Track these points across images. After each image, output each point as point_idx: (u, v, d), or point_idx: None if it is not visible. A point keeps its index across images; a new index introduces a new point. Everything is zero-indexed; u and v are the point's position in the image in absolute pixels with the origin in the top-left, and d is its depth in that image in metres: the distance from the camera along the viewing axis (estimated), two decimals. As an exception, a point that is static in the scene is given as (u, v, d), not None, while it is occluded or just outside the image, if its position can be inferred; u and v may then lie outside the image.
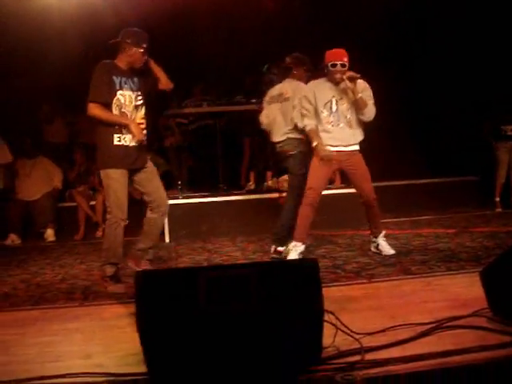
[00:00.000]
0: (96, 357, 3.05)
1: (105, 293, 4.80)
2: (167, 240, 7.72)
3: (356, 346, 2.90)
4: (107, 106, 4.87)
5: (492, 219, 8.10)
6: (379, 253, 5.82)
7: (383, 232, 5.94)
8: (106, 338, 3.39)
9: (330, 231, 7.49)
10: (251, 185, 8.99)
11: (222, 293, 2.62)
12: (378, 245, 5.89)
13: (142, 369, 2.70)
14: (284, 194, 7.77)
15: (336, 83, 5.66)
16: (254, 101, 8.51)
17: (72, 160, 9.27)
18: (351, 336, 2.99)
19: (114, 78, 4.92)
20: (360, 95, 5.56)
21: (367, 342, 2.96)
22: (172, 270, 3.17)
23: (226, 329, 2.58)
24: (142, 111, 5.12)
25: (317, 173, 5.69)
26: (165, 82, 5.21)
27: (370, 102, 5.66)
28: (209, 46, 9.64)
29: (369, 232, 6.04)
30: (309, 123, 5.68)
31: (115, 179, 4.92)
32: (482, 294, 3.36)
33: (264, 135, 6.66)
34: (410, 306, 3.71)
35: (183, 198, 7.95)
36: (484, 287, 3.35)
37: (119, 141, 4.91)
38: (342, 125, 5.69)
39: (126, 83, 4.98)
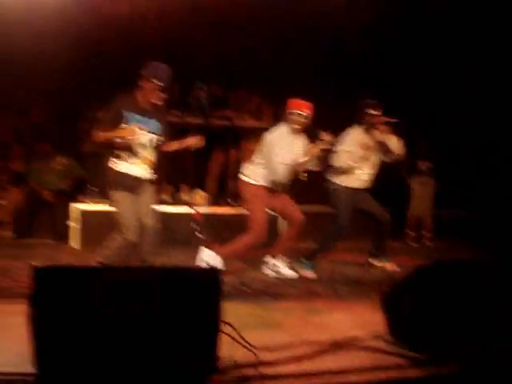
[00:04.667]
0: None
1: (6, 290, 4.62)
2: (79, 247, 7.54)
3: (253, 359, 2.88)
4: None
5: (401, 251, 8.27)
6: (276, 273, 5.87)
7: (281, 255, 6.00)
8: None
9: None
10: (166, 197, 8.89)
11: (120, 295, 2.56)
12: (277, 267, 5.93)
13: (31, 369, 2.60)
14: (198, 208, 7.76)
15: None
16: (174, 112, 8.47)
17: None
18: (249, 349, 2.97)
19: (124, 111, 4.87)
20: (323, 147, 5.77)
21: (265, 356, 2.94)
22: (71, 268, 3.06)
23: (121, 332, 2.52)
24: (153, 155, 5.05)
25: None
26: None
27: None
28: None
29: (268, 253, 6.05)
30: None
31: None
32: (382, 317, 3.41)
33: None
34: (311, 324, 3.73)
35: (95, 203, 7.76)
36: (383, 311, 3.41)
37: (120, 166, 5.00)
38: None
39: (139, 122, 4.90)
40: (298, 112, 5.72)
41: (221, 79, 8.88)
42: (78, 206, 7.72)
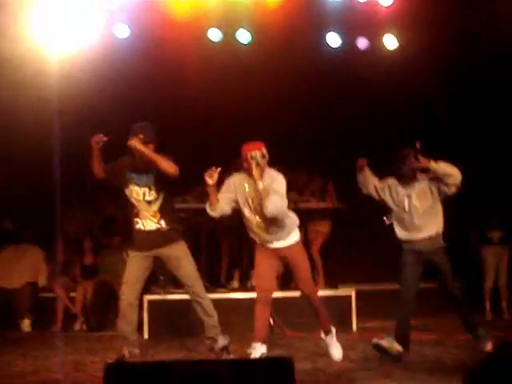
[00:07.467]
0: None
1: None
2: (146, 336, 7.54)
3: None
4: None
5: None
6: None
7: (333, 331, 5.73)
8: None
9: (314, 333, 7.34)
10: (235, 283, 8.86)
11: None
12: (327, 344, 5.69)
13: None
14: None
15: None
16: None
17: (53, 251, 9.17)
18: None
19: (128, 173, 5.34)
20: (261, 187, 5.33)
21: None
22: (143, 364, 3.05)
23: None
24: (155, 207, 5.34)
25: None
26: (162, 167, 5.23)
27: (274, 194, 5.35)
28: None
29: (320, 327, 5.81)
30: None
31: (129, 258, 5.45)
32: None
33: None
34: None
35: (164, 293, 7.81)
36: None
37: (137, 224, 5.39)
38: None
39: (133, 179, 5.32)
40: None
41: (282, 162, 8.94)
42: (145, 296, 7.68)
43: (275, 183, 5.42)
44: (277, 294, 7.21)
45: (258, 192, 5.36)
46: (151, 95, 9.52)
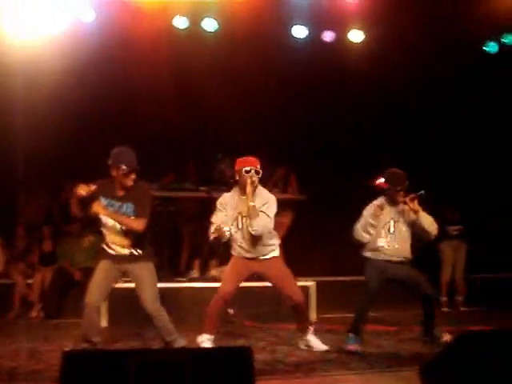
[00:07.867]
0: None
1: (37, 374, 4.57)
2: (104, 324, 7.47)
3: None
4: None
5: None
6: (310, 349, 5.71)
7: (311, 328, 5.87)
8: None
9: (272, 324, 7.37)
10: (195, 273, 8.82)
11: (151, 378, 2.50)
12: (308, 341, 5.78)
13: None
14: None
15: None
16: (203, 188, 8.51)
17: (11, 236, 9.02)
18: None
19: (103, 199, 5.15)
20: (253, 204, 5.49)
21: None
22: (100, 352, 3.01)
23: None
24: (128, 236, 5.24)
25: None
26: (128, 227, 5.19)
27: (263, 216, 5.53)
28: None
29: (297, 328, 5.94)
30: None
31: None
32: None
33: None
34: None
35: (123, 281, 7.72)
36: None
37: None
38: None
39: (112, 206, 5.15)
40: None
41: (246, 152, 8.97)
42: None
43: (267, 204, 5.60)
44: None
45: (248, 209, 5.48)
46: (120, 82, 9.39)
